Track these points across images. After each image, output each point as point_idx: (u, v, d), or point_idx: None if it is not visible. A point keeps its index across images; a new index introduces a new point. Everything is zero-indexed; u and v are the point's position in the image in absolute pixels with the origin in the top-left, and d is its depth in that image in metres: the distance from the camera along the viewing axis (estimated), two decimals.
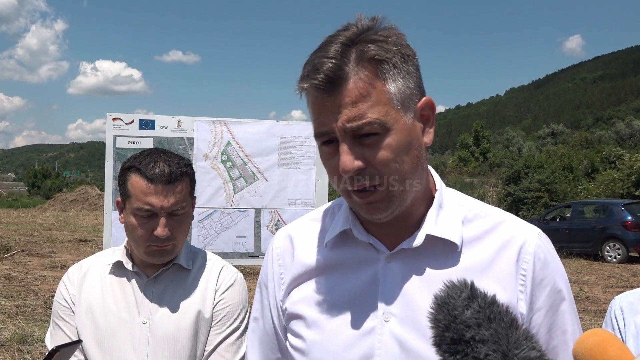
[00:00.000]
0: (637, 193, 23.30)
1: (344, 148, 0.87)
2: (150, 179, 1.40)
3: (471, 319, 0.61)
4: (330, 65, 0.85)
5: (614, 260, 14.13)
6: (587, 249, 14.72)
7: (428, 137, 0.94)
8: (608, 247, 14.46)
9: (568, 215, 16.30)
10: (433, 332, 0.64)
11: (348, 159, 0.86)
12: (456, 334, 0.61)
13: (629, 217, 14.21)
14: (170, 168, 1.43)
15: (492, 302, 0.63)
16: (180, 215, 1.45)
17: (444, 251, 0.95)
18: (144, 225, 1.42)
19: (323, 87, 0.85)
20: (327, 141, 0.90)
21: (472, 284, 0.65)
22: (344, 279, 0.98)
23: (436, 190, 1.00)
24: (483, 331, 0.60)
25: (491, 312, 0.62)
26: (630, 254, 14.09)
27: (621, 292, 1.47)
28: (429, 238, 0.95)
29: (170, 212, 1.42)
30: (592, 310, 8.09)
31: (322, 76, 0.85)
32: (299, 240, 1.08)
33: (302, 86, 0.89)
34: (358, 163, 0.87)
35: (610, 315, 1.40)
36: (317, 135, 0.91)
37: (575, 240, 14.66)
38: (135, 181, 1.42)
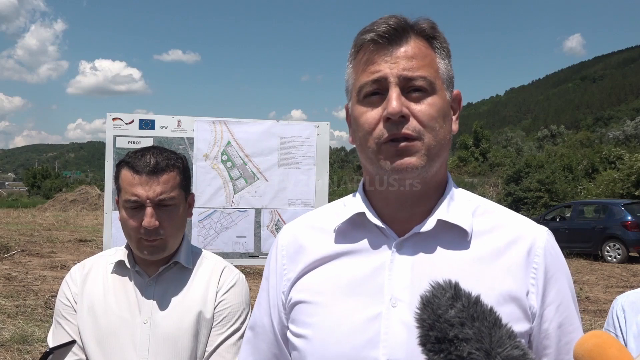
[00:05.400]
0: (637, 193, 23.32)
1: (394, 93, 0.90)
2: (136, 170, 1.43)
3: (455, 318, 0.62)
4: (395, 21, 0.94)
5: (614, 260, 14.14)
6: (587, 249, 14.73)
7: (455, 126, 1.01)
8: (608, 247, 14.47)
9: (568, 215, 16.31)
10: (418, 331, 0.65)
11: (397, 103, 0.90)
12: (440, 333, 0.62)
13: (629, 217, 14.21)
14: (157, 159, 1.44)
15: (476, 301, 0.64)
16: (169, 206, 1.45)
17: (454, 238, 0.96)
18: (133, 217, 1.43)
19: (387, 36, 0.92)
20: (372, 93, 0.93)
21: (457, 284, 0.66)
22: (352, 264, 0.98)
23: (447, 184, 1.03)
24: (466, 330, 0.61)
25: (475, 311, 0.63)
26: (630, 254, 14.09)
27: (621, 292, 1.47)
28: (440, 224, 0.96)
29: (158, 202, 1.42)
30: (592, 310, 8.09)
31: (386, 27, 0.92)
32: (306, 231, 1.07)
33: (364, 38, 0.94)
34: (405, 110, 0.91)
35: (612, 314, 1.40)
36: (365, 84, 0.94)
37: (575, 240, 14.66)
38: (124, 174, 1.45)
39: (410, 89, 0.91)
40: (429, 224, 0.96)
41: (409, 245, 0.96)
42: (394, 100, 0.89)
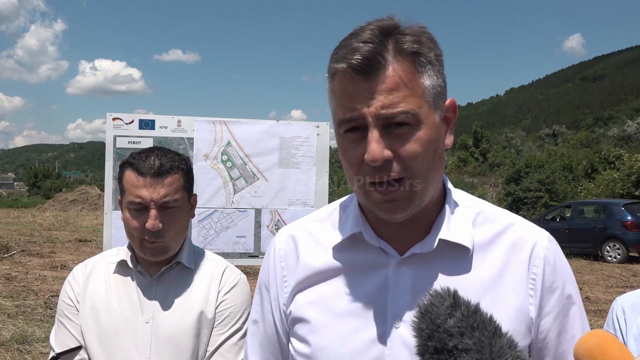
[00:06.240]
0: (637, 193, 23.31)
1: (374, 135, 0.83)
2: (140, 172, 1.42)
3: (454, 327, 0.60)
4: (370, 48, 0.82)
5: (614, 260, 14.13)
6: (587, 249, 14.73)
7: (449, 140, 0.92)
8: (608, 247, 14.47)
9: (568, 215, 16.31)
10: (416, 341, 0.63)
11: (378, 147, 0.82)
12: (439, 343, 0.60)
13: (629, 217, 14.21)
14: (161, 161, 1.44)
15: (476, 310, 0.62)
16: (173, 208, 1.45)
17: (455, 255, 0.93)
18: (136, 218, 1.43)
19: (361, 69, 0.82)
20: (352, 129, 0.86)
21: (455, 292, 0.64)
22: (352, 283, 0.96)
23: (446, 192, 0.98)
24: (466, 340, 0.59)
25: (474, 320, 0.61)
26: (630, 254, 14.09)
27: (621, 292, 1.47)
28: (441, 242, 0.92)
29: (161, 204, 1.42)
30: (592, 310, 8.08)
31: (361, 58, 0.82)
32: (304, 241, 1.04)
33: (336, 67, 0.84)
34: (387, 152, 0.83)
35: (612, 316, 1.40)
36: (343, 121, 0.86)
37: (575, 240, 14.66)
38: (128, 176, 1.45)
39: (392, 124, 0.83)
40: (430, 245, 0.92)
41: (409, 264, 0.93)
42: (374, 145, 0.82)
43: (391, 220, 0.90)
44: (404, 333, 0.89)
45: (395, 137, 0.84)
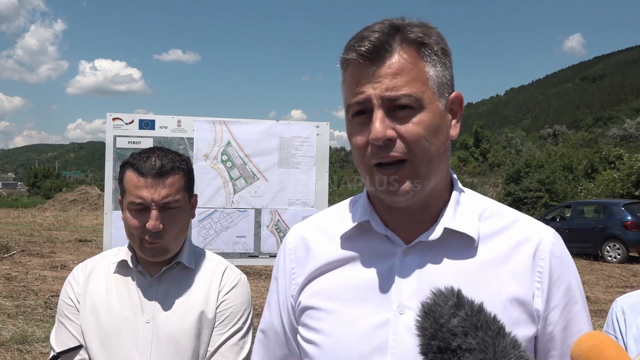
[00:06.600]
0: (637, 193, 23.32)
1: (378, 115, 0.88)
2: (141, 172, 1.42)
3: (458, 327, 0.60)
4: (378, 36, 0.89)
5: (614, 260, 14.14)
6: (587, 249, 14.72)
7: (454, 131, 0.97)
8: (608, 247, 14.47)
9: (568, 215, 16.31)
10: (419, 340, 0.63)
11: (381, 126, 0.87)
12: (442, 343, 0.60)
13: (629, 217, 14.21)
14: (162, 161, 1.44)
15: (479, 310, 0.62)
16: (174, 209, 1.45)
17: (460, 245, 0.96)
18: (137, 218, 1.43)
19: (367, 55, 0.88)
20: (359, 112, 0.91)
21: (459, 291, 0.64)
22: (359, 271, 0.98)
23: (453, 187, 1.01)
24: (470, 340, 0.59)
25: (478, 320, 0.61)
26: (630, 254, 14.09)
27: (621, 292, 1.47)
28: (447, 232, 0.95)
29: (162, 205, 1.42)
30: (592, 310, 8.09)
31: (368, 44, 0.88)
32: (314, 235, 1.08)
33: (346, 57, 0.91)
34: (390, 132, 0.88)
35: (611, 316, 1.40)
36: (351, 105, 0.92)
37: (575, 240, 14.64)
38: (129, 176, 1.45)
39: (396, 107, 0.89)
40: (435, 233, 0.95)
41: (415, 252, 0.96)
42: (377, 125, 0.87)
43: (395, 204, 0.94)
44: (409, 320, 0.91)
45: (398, 119, 0.89)
